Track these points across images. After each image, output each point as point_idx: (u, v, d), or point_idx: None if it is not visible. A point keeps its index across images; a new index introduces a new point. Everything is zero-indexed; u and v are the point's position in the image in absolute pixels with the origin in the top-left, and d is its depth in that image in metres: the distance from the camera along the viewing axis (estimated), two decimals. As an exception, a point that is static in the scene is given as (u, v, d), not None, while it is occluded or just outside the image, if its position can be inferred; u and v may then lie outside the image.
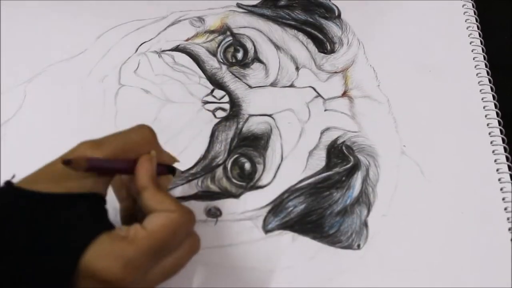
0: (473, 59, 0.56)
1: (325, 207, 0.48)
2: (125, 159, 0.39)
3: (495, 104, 0.53)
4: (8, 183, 0.37)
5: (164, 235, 0.36)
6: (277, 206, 0.48)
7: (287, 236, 0.47)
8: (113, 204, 0.41)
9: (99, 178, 0.38)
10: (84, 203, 0.37)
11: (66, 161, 0.35)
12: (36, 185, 0.36)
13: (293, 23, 0.57)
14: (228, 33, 0.56)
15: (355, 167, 0.50)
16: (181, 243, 0.38)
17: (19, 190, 0.36)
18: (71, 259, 0.34)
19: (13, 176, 0.38)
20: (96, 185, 0.38)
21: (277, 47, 0.55)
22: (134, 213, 0.41)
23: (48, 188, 0.36)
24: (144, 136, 0.40)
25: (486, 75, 0.55)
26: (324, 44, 0.56)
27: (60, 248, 0.34)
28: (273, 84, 0.53)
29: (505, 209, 0.48)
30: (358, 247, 0.46)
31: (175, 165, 0.43)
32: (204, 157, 0.50)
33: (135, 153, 0.39)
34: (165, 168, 0.42)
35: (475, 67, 0.55)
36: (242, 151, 0.50)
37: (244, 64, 0.54)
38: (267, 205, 0.48)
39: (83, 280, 0.34)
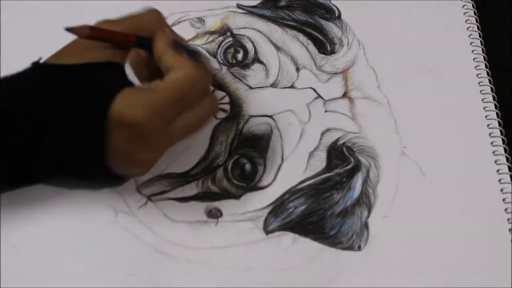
0: (473, 59, 0.56)
1: (326, 208, 0.48)
2: (125, 33, 0.43)
3: (495, 105, 0.53)
4: (35, 63, 0.42)
5: (182, 87, 0.40)
6: (278, 207, 0.48)
7: (288, 237, 0.47)
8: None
9: (117, 49, 0.42)
10: (105, 68, 0.41)
11: (69, 28, 0.40)
12: (61, 60, 0.41)
13: (293, 24, 0.57)
14: (228, 34, 0.56)
15: (356, 168, 0.50)
16: (199, 99, 0.42)
17: (46, 66, 0.42)
18: (101, 109, 0.38)
19: (40, 58, 0.42)
20: (115, 55, 0.42)
21: (277, 48, 0.55)
22: None
23: (72, 60, 0.41)
24: (154, 17, 0.45)
25: (486, 75, 0.55)
26: (324, 45, 0.56)
27: (91, 103, 0.39)
28: (273, 85, 0.54)
29: (506, 210, 0.48)
30: (359, 248, 0.46)
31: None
32: (204, 158, 0.50)
33: (147, 31, 0.44)
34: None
35: (475, 67, 0.55)
36: (242, 152, 0.50)
37: (244, 65, 0.54)
38: (268, 206, 0.48)
39: (114, 129, 0.39)
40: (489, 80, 0.54)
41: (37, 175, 0.41)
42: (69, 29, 0.40)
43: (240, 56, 0.55)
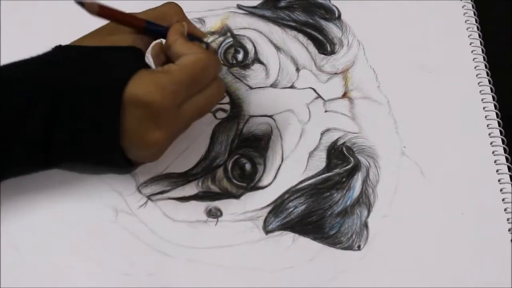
0: (473, 59, 0.56)
1: (326, 208, 0.48)
2: (135, 16, 0.44)
3: (495, 105, 0.53)
4: (58, 46, 0.43)
5: (194, 70, 0.42)
6: (277, 207, 0.48)
7: (288, 237, 0.47)
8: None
9: (139, 36, 0.45)
10: (124, 52, 0.43)
11: (79, 2, 0.41)
12: (83, 42, 0.44)
13: (293, 24, 0.57)
14: (229, 34, 0.56)
15: (355, 168, 0.50)
16: (209, 83, 0.44)
17: (66, 47, 0.44)
18: (117, 88, 0.40)
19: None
20: (137, 41, 0.44)
21: (278, 48, 0.56)
22: None
23: (93, 43, 0.43)
24: (172, 9, 0.47)
25: (486, 75, 0.55)
26: (324, 45, 0.56)
27: (106, 82, 0.41)
28: (273, 85, 0.54)
29: (505, 210, 0.48)
30: (359, 248, 0.46)
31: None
32: (205, 157, 0.50)
33: (166, 22, 0.46)
34: (196, 39, 0.47)
35: (475, 67, 0.55)
36: (242, 151, 0.50)
37: (244, 65, 0.55)
38: (268, 205, 0.48)
39: (127, 107, 0.40)
40: (489, 80, 0.55)
41: (53, 154, 0.42)
42: (80, 3, 0.41)
43: (240, 56, 0.55)
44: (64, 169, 0.46)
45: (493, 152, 0.51)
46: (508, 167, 0.50)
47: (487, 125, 0.52)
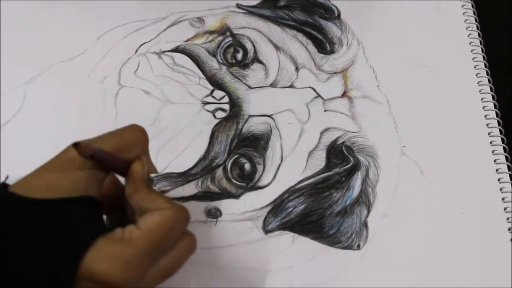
0: (473, 59, 0.56)
1: (325, 208, 0.48)
2: (122, 159, 0.39)
3: (494, 104, 0.53)
4: (3, 187, 0.37)
5: (159, 233, 0.36)
6: (277, 207, 0.48)
7: (287, 237, 0.47)
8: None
9: (91, 181, 0.38)
10: (78, 206, 0.37)
11: (75, 143, 0.35)
12: (31, 192, 0.36)
13: (292, 23, 0.57)
14: (228, 33, 0.56)
15: (355, 167, 0.50)
16: (177, 242, 0.38)
17: (14, 196, 0.36)
18: (71, 264, 0.34)
19: (7, 177, 0.38)
20: (89, 187, 0.38)
21: (277, 47, 0.55)
22: (121, 224, 0.39)
23: (42, 193, 0.36)
24: (138, 137, 0.40)
25: (485, 75, 0.55)
26: (323, 44, 0.56)
27: (59, 255, 0.34)
28: (273, 85, 0.54)
29: (505, 209, 0.48)
30: (358, 247, 0.46)
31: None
32: (204, 157, 0.50)
33: (127, 153, 0.39)
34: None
35: (475, 67, 0.55)
36: (242, 151, 0.50)
37: (244, 64, 0.55)
38: (267, 205, 0.48)
39: (84, 283, 0.34)
40: (488, 80, 0.55)
41: None
42: (75, 144, 0.36)
43: (239, 55, 0.55)
44: None
45: (492, 151, 0.51)
46: (508, 166, 0.50)
47: (487, 124, 0.52)
